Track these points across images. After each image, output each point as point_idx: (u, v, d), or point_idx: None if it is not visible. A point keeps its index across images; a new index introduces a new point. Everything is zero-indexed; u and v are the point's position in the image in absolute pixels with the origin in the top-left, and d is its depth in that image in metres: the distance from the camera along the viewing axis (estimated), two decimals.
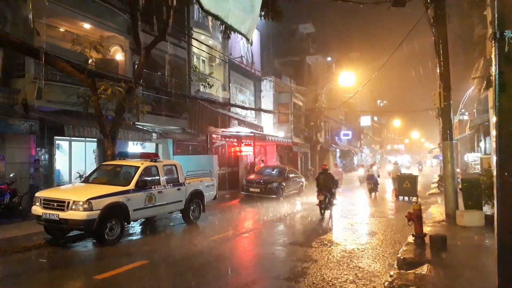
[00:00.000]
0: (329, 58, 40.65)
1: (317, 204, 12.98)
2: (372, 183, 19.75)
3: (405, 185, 17.54)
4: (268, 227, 11.49)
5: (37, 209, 8.64)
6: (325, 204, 12.89)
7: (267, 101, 28.70)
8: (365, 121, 56.07)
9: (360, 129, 52.04)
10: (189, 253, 8.30)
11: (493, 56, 4.21)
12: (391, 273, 6.14)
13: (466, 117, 28.88)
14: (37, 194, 8.97)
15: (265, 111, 26.15)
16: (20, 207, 11.08)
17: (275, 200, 16.88)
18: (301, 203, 16.93)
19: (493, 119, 4.10)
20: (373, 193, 19.70)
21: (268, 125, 28.35)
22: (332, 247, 8.58)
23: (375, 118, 64.49)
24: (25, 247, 8.23)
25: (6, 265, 7.23)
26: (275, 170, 19.47)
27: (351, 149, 46.47)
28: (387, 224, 11.61)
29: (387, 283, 5.55)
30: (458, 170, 18.52)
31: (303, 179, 21.18)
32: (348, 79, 31.84)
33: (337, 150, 42.46)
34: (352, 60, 44.99)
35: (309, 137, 33.17)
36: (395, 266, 6.79)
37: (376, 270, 6.82)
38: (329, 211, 13.09)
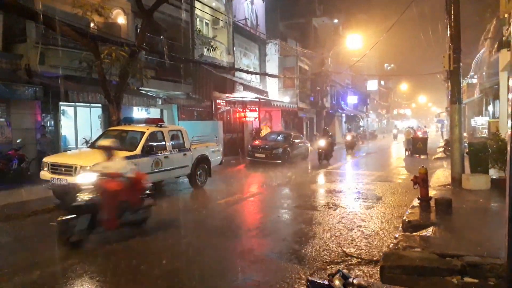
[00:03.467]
0: (336, 20, 39.57)
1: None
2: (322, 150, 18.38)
3: (418, 145, 21.85)
4: (273, 191, 11.60)
5: (45, 174, 8.74)
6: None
7: (272, 65, 28.22)
8: (372, 85, 55.33)
9: (367, 94, 51.41)
10: (197, 217, 8.43)
11: (508, 15, 4.02)
12: (396, 235, 6.20)
13: (475, 80, 28.34)
14: (44, 159, 9.05)
15: (270, 75, 25.76)
16: (29, 172, 11.22)
17: (281, 165, 16.95)
18: (306, 168, 17.02)
19: (511, 82, 3.96)
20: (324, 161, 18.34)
21: (274, 90, 28.04)
22: (337, 210, 8.67)
23: (382, 83, 63.60)
24: (35, 211, 8.38)
25: (17, 228, 7.40)
26: (280, 136, 19.43)
27: (357, 114, 46.13)
28: (392, 187, 11.67)
29: (392, 244, 5.61)
30: (465, 134, 18.49)
31: (308, 145, 21.19)
32: (355, 42, 31.15)
33: (343, 115, 42.19)
34: (359, 22, 43.76)
35: (315, 102, 32.85)
36: (400, 228, 6.87)
37: (381, 232, 6.90)
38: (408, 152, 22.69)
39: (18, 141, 11.44)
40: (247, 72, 23.51)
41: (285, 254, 5.80)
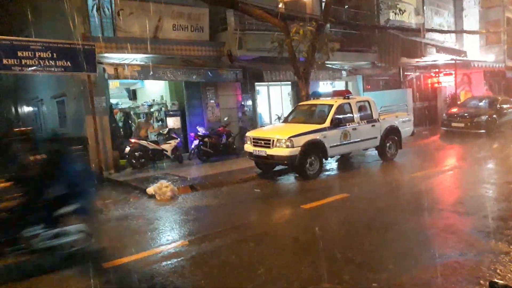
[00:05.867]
0: None
1: None
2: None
3: None
4: (476, 165, 10.28)
5: (248, 147, 9.91)
6: None
7: (470, 21, 24.46)
8: None
9: None
10: (389, 189, 8.21)
11: None
12: None
13: None
14: (247, 134, 10.25)
15: (468, 32, 22.46)
16: (234, 146, 12.89)
17: (485, 135, 14.82)
18: None
19: None
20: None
21: (473, 49, 24.36)
22: None
23: None
24: (242, 179, 9.64)
25: (230, 193, 8.63)
26: (483, 101, 16.91)
27: None
28: None
29: None
30: None
31: None
32: None
33: None
34: None
35: None
36: None
37: None
38: None
39: (225, 119, 13.20)
40: (440, 31, 21.06)
41: (495, 233, 5.11)
